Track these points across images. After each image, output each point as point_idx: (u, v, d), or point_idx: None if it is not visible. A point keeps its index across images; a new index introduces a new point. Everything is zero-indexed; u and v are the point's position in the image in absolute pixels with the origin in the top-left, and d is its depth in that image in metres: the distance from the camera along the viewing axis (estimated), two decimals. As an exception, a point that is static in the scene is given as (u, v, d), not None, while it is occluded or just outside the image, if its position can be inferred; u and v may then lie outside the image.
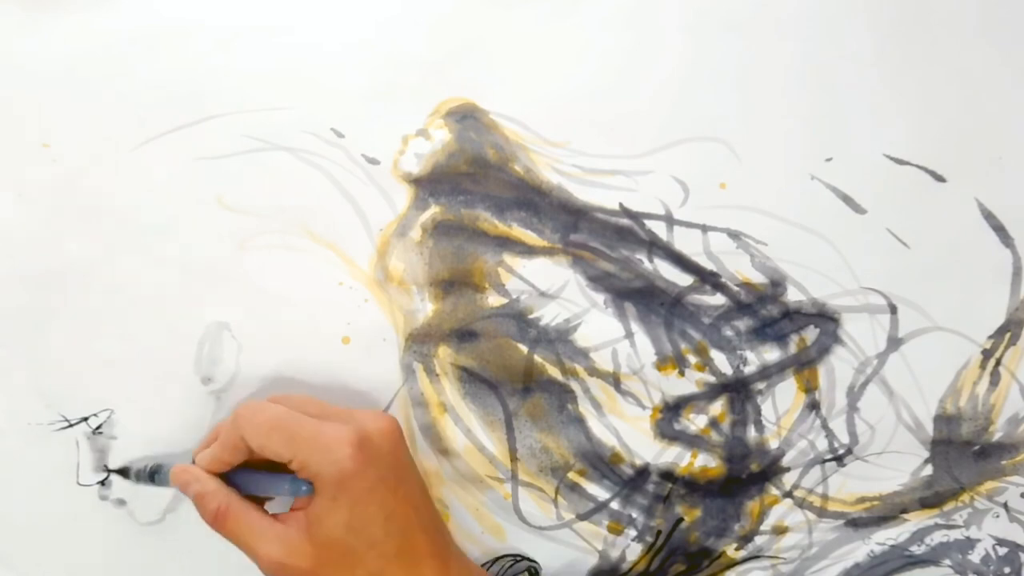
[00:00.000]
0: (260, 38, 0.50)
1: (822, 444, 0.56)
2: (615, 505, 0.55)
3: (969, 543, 0.57)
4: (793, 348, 0.55)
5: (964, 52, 0.54)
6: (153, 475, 0.49)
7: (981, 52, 0.54)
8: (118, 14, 0.49)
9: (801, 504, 0.56)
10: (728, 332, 0.55)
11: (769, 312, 0.55)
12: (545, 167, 0.53)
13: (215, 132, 0.50)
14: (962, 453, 0.56)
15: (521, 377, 0.54)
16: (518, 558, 0.54)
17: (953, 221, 0.55)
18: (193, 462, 0.47)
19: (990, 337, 0.56)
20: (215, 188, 0.51)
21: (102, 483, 0.51)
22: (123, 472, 0.50)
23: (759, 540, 0.56)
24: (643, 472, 0.55)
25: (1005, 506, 0.57)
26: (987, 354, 0.56)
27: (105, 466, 0.50)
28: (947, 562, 0.57)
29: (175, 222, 0.51)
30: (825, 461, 0.56)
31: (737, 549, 0.56)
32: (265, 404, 0.45)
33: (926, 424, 0.56)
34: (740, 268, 0.54)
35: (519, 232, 0.53)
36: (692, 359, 0.54)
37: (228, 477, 0.46)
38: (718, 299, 0.54)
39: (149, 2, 0.50)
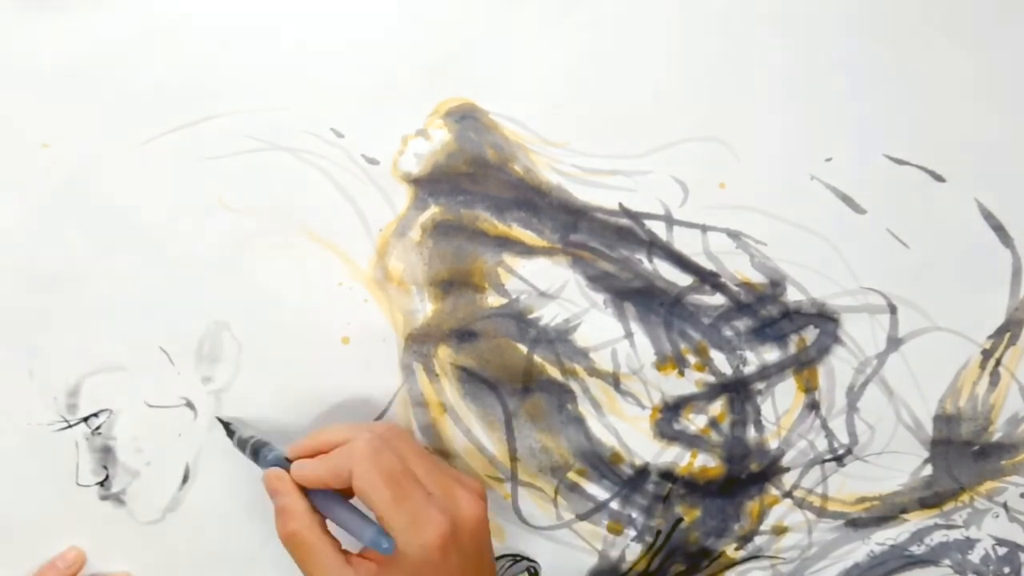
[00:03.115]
0: (260, 38, 0.50)
1: (822, 444, 0.56)
2: (615, 505, 0.55)
3: (969, 543, 0.57)
4: (793, 348, 0.55)
5: (964, 52, 0.54)
6: (256, 451, 0.48)
7: (981, 52, 0.54)
8: (118, 14, 0.49)
9: (801, 504, 0.56)
10: (728, 332, 0.55)
11: (769, 312, 0.55)
12: (545, 167, 0.53)
13: (215, 132, 0.50)
14: (962, 453, 0.56)
15: (521, 377, 0.54)
16: (517, 558, 0.54)
17: (953, 221, 0.55)
18: (289, 462, 0.47)
19: (990, 337, 0.56)
20: (215, 188, 0.51)
21: (102, 483, 0.51)
22: (228, 430, 0.50)
23: (759, 540, 0.56)
24: (643, 472, 0.55)
25: (1005, 506, 0.57)
26: (987, 354, 0.56)
27: (99, 460, 0.50)
28: (947, 562, 0.57)
29: (175, 222, 0.51)
30: (825, 461, 0.56)
31: (737, 549, 0.56)
32: (383, 450, 0.44)
33: (926, 424, 0.56)
34: (740, 268, 0.54)
35: (519, 232, 0.53)
36: (692, 359, 0.54)
37: (314, 493, 0.46)
38: (718, 299, 0.54)
39: (149, 2, 0.50)
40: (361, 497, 0.44)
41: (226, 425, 0.50)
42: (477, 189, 0.53)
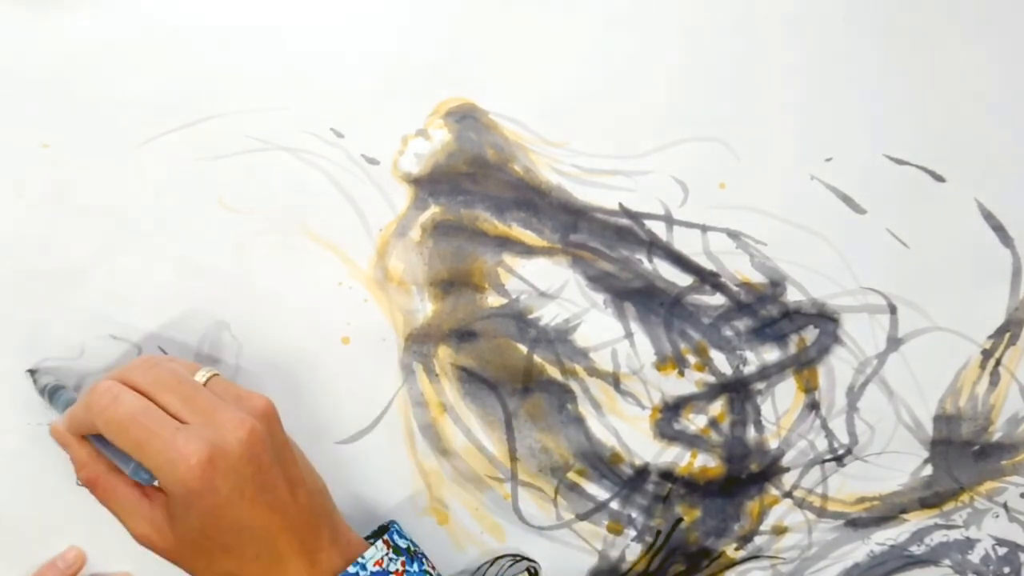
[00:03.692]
0: (260, 38, 0.50)
1: (822, 444, 0.56)
2: (615, 505, 0.55)
3: (969, 543, 0.57)
4: (793, 348, 0.55)
5: (964, 52, 0.54)
6: (52, 394, 0.48)
7: (981, 52, 0.54)
8: (119, 14, 0.49)
9: (801, 504, 0.56)
10: (728, 332, 0.55)
11: (769, 312, 0.55)
12: (545, 167, 0.53)
13: (215, 132, 0.50)
14: (962, 453, 0.56)
15: (521, 377, 0.54)
16: (517, 558, 0.54)
17: (953, 221, 0.55)
18: None
19: (990, 337, 0.56)
20: (215, 188, 0.51)
21: (102, 483, 0.51)
22: (32, 373, 0.50)
23: (759, 540, 0.56)
24: (643, 472, 0.55)
25: (1005, 506, 0.57)
26: (987, 354, 0.56)
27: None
28: (947, 562, 0.57)
29: (175, 222, 0.51)
30: (825, 461, 0.56)
31: (737, 549, 0.56)
32: (122, 393, 0.43)
33: (926, 424, 0.56)
34: (740, 268, 0.54)
35: (519, 232, 0.53)
36: (692, 359, 0.54)
37: (91, 437, 0.46)
38: (718, 299, 0.54)
39: (150, 2, 0.50)
40: (115, 444, 0.43)
41: (32, 373, 0.50)
42: (477, 189, 0.53)
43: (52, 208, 0.50)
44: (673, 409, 0.55)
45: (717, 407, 0.55)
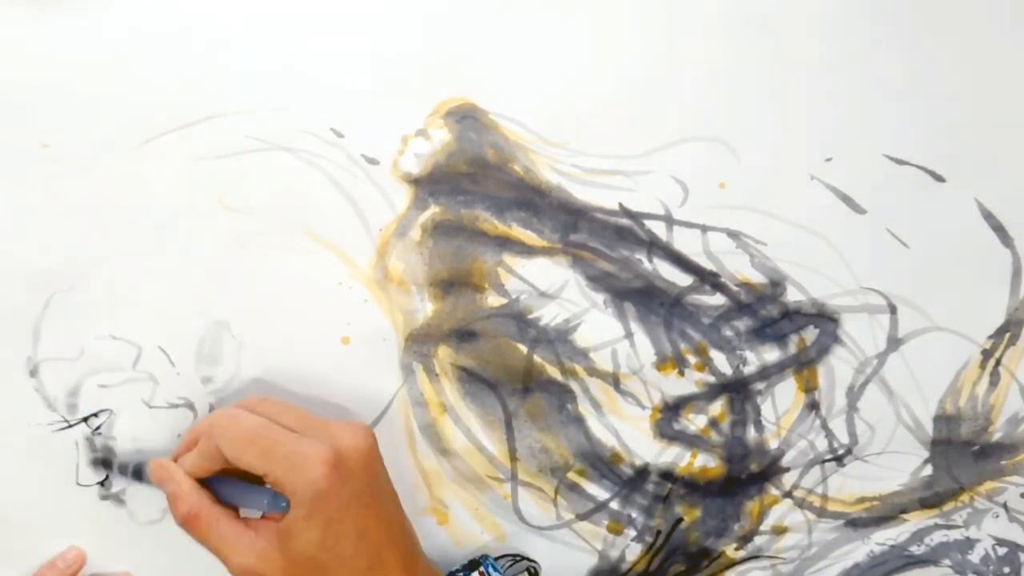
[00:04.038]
0: (260, 38, 0.50)
1: (822, 444, 0.56)
2: (615, 505, 0.55)
3: (969, 543, 0.57)
4: (793, 348, 0.55)
5: (964, 52, 0.54)
6: (137, 472, 0.49)
7: (981, 52, 0.54)
8: (118, 14, 0.49)
9: (801, 504, 0.56)
10: (728, 332, 0.55)
11: (769, 312, 0.55)
12: (545, 167, 0.53)
13: (215, 132, 0.50)
14: (962, 453, 0.56)
15: (521, 377, 0.54)
16: (517, 558, 0.54)
17: (953, 221, 0.55)
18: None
19: (990, 337, 0.56)
20: (215, 188, 0.51)
21: (102, 483, 0.51)
22: (106, 463, 0.50)
23: (759, 540, 0.56)
24: (643, 472, 0.55)
25: (1005, 506, 0.57)
26: (987, 354, 0.56)
27: (98, 459, 0.50)
28: (947, 562, 0.57)
29: (175, 222, 0.51)
30: (825, 461, 0.56)
31: (737, 549, 0.56)
32: (241, 414, 0.45)
33: (926, 424, 0.56)
34: (740, 268, 0.54)
35: (519, 232, 0.53)
36: (692, 359, 0.54)
37: (207, 481, 0.46)
38: (718, 299, 0.54)
39: (149, 2, 0.50)
40: (239, 465, 0.44)
41: (105, 463, 0.50)
42: (477, 189, 0.53)
43: (52, 208, 0.50)
44: (673, 409, 0.55)
45: (717, 407, 0.55)
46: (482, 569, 0.48)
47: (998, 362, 0.56)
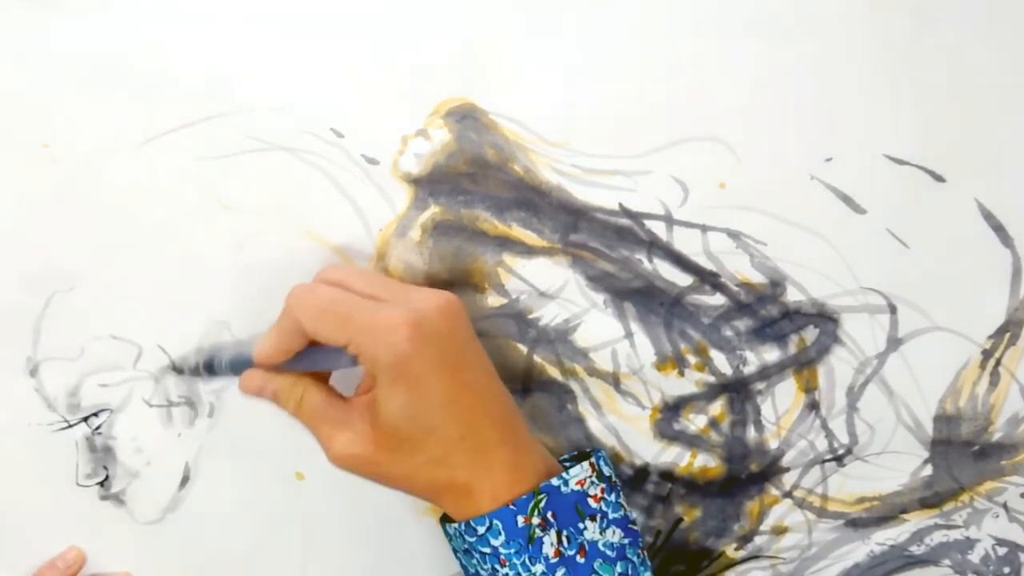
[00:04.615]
0: (260, 38, 0.50)
1: (822, 444, 0.56)
2: (615, 505, 0.55)
3: (969, 543, 0.57)
4: (793, 348, 0.55)
5: (963, 52, 0.54)
6: (209, 365, 0.49)
7: (980, 52, 0.54)
8: (118, 14, 0.49)
9: (801, 504, 0.56)
10: (728, 332, 0.55)
11: (769, 312, 0.55)
12: (545, 167, 0.53)
13: (215, 132, 0.50)
14: (962, 453, 0.56)
15: (521, 377, 0.54)
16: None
17: (953, 221, 0.55)
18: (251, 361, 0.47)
19: (990, 337, 0.56)
20: (215, 188, 0.51)
21: (102, 483, 0.51)
22: (177, 369, 0.50)
23: (759, 540, 0.56)
24: (643, 472, 0.55)
25: (1005, 506, 0.57)
26: (987, 354, 0.56)
27: (99, 459, 0.50)
28: (947, 562, 0.57)
29: (175, 222, 0.51)
30: (825, 461, 0.56)
31: (737, 549, 0.56)
32: (317, 286, 0.45)
33: (926, 424, 0.56)
34: (740, 268, 0.54)
35: (519, 232, 0.53)
36: (692, 359, 0.54)
37: (289, 363, 0.46)
38: (718, 299, 0.54)
39: (149, 2, 0.50)
40: (319, 338, 0.44)
41: (176, 368, 0.50)
42: (477, 189, 0.53)
43: (52, 208, 0.50)
44: (673, 409, 0.55)
45: (717, 407, 0.55)
46: (592, 461, 0.46)
47: (998, 362, 0.56)
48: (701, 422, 0.55)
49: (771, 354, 0.55)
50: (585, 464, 0.46)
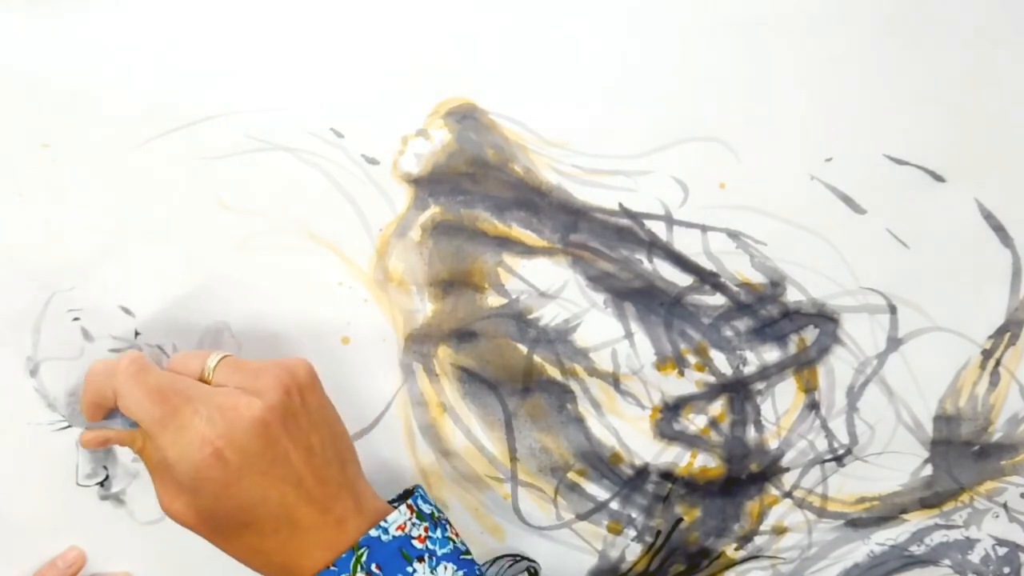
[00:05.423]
0: (260, 38, 0.50)
1: (822, 444, 0.56)
2: (615, 505, 0.55)
3: (969, 543, 0.57)
4: (793, 348, 0.55)
5: (964, 52, 0.54)
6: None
7: (981, 52, 0.54)
8: (119, 14, 0.49)
9: (801, 504, 0.56)
10: (728, 332, 0.55)
11: (769, 312, 0.55)
12: (545, 167, 0.53)
13: (215, 132, 0.50)
14: (962, 453, 0.56)
15: (521, 377, 0.54)
16: (517, 558, 0.54)
17: (953, 221, 0.55)
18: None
19: (990, 337, 0.56)
20: (215, 188, 0.51)
21: (102, 483, 0.51)
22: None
23: (759, 540, 0.56)
24: (643, 472, 0.55)
25: (1005, 506, 0.57)
26: (987, 354, 0.56)
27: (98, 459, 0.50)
28: (947, 562, 0.57)
29: (175, 222, 0.51)
30: (825, 461, 0.56)
31: (737, 549, 0.56)
32: (150, 367, 0.45)
33: (926, 424, 0.56)
34: (740, 268, 0.54)
35: (519, 232, 0.53)
36: (692, 359, 0.54)
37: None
38: (718, 299, 0.54)
39: (150, 2, 0.50)
40: (129, 415, 0.44)
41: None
42: (477, 189, 0.53)
43: (52, 208, 0.50)
44: (673, 409, 0.55)
45: (717, 407, 0.55)
46: (410, 502, 0.46)
47: (998, 362, 0.56)
48: (701, 422, 0.55)
49: (771, 354, 0.55)
50: (403, 507, 0.46)
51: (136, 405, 0.44)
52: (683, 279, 0.54)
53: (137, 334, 0.51)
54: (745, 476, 0.55)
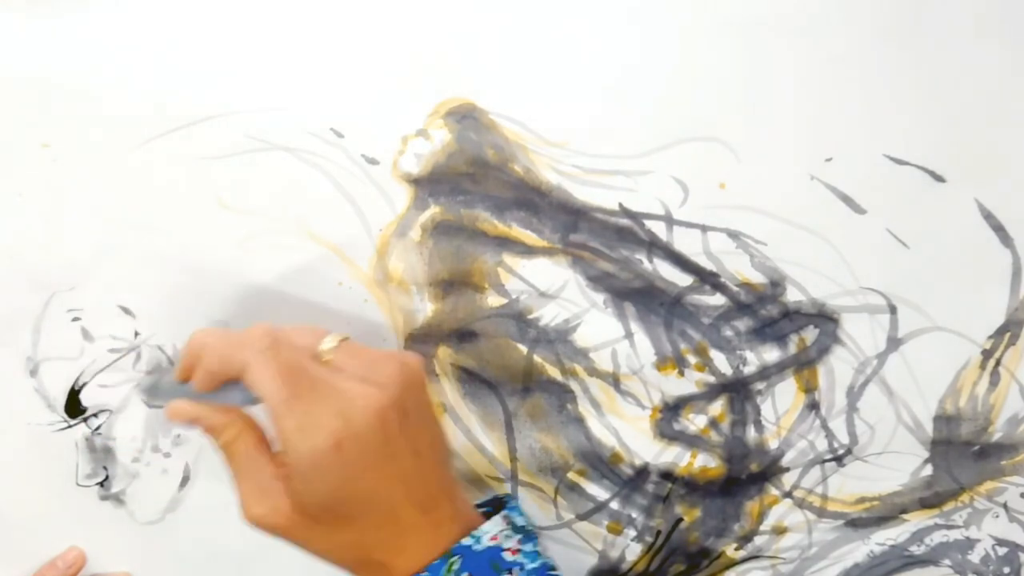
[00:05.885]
0: (260, 38, 0.50)
1: (822, 444, 0.56)
2: (615, 505, 0.55)
3: (969, 543, 0.57)
4: (793, 348, 0.55)
5: (964, 52, 0.54)
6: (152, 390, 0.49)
7: (981, 52, 0.54)
8: (118, 14, 0.49)
9: (801, 504, 0.56)
10: (728, 332, 0.55)
11: (769, 312, 0.55)
12: (545, 167, 0.53)
13: (215, 132, 0.50)
14: (962, 453, 0.56)
15: (521, 377, 0.54)
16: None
17: (953, 221, 0.55)
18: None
19: (990, 337, 0.56)
20: (215, 188, 0.51)
21: (102, 483, 0.51)
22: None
23: (759, 540, 0.56)
24: (643, 472, 0.55)
25: (1005, 506, 0.57)
26: (987, 354, 0.56)
27: (98, 459, 0.50)
28: (947, 562, 0.57)
29: (175, 222, 0.51)
30: (825, 461, 0.56)
31: (737, 549, 0.56)
32: (282, 343, 0.43)
33: (926, 424, 0.56)
34: (740, 268, 0.54)
35: (519, 232, 0.53)
36: (692, 359, 0.54)
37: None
38: (718, 299, 0.54)
39: (149, 2, 0.50)
40: (254, 390, 0.43)
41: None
42: (477, 189, 0.53)
43: (52, 208, 0.50)
44: (673, 409, 0.55)
45: (717, 407, 0.55)
46: (505, 514, 0.46)
47: (998, 362, 0.56)
48: (701, 422, 0.55)
49: (771, 354, 0.55)
50: (497, 518, 0.46)
51: (268, 380, 0.42)
52: (683, 279, 0.54)
53: (137, 334, 0.51)
54: (745, 476, 0.55)
